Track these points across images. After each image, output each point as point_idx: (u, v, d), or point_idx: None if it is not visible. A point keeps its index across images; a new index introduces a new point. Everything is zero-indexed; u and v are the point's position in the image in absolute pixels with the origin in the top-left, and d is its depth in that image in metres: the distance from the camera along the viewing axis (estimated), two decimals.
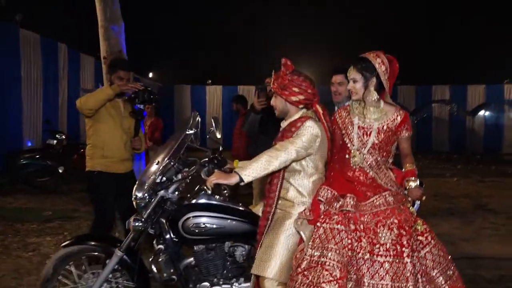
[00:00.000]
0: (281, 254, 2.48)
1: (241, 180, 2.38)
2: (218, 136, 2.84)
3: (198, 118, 2.80)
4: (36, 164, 8.08)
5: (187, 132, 2.76)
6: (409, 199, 2.59)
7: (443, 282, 2.35)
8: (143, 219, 2.60)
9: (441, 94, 18.03)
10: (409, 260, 2.30)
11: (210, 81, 18.95)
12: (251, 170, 2.39)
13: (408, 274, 2.28)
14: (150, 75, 19.38)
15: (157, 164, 2.72)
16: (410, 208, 2.55)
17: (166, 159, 2.70)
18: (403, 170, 2.68)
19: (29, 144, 9.25)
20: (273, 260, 2.46)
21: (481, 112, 17.43)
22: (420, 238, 2.41)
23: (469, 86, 18.27)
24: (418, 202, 2.64)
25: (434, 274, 2.35)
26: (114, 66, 3.75)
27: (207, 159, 2.82)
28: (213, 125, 2.84)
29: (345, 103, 3.13)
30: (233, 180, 2.39)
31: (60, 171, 8.04)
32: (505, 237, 5.65)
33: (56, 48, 10.33)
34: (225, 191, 2.43)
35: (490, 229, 6.04)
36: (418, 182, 2.60)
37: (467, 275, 4.12)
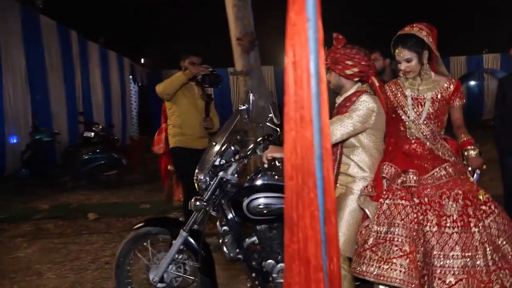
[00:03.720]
0: (345, 229, 2.37)
1: None
2: (276, 122, 2.71)
3: (252, 97, 2.68)
4: (101, 157, 7.34)
5: (239, 107, 2.66)
6: (469, 169, 2.48)
7: (509, 250, 2.24)
8: (204, 200, 2.51)
9: None
10: (476, 230, 2.21)
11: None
12: None
13: (477, 244, 2.19)
14: (142, 60, 18.63)
15: (215, 146, 2.62)
16: (470, 178, 2.44)
17: (223, 140, 2.61)
18: (458, 140, 2.57)
19: (14, 141, 7.71)
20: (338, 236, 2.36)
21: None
22: (483, 207, 2.29)
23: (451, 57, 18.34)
24: (478, 172, 2.50)
25: (499, 242, 2.25)
26: (185, 52, 3.83)
27: (262, 137, 2.69)
28: (271, 111, 2.70)
29: None
30: None
31: (124, 163, 7.46)
32: None
33: (69, 36, 9.65)
34: (279, 165, 2.30)
35: None
36: (477, 151, 2.50)
37: None
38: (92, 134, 8.04)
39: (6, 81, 7.48)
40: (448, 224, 2.24)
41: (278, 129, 2.82)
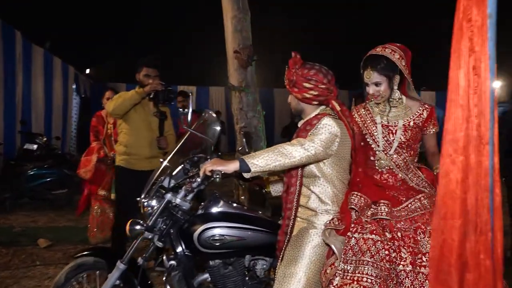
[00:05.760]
0: (306, 268, 2.02)
1: (247, 169, 1.87)
2: (250, 152, 2.35)
3: (190, 96, 2.35)
4: (49, 174, 6.37)
5: (179, 110, 2.32)
6: None
7: None
8: (145, 224, 2.12)
9: None
10: None
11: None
12: (260, 159, 1.88)
13: None
14: (87, 71, 17.72)
15: (163, 164, 2.26)
16: None
17: (171, 156, 2.27)
18: (433, 169, 2.35)
19: None
20: (298, 276, 2.01)
21: None
22: None
23: None
24: None
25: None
26: (140, 64, 3.49)
27: (209, 151, 2.33)
28: (243, 141, 2.35)
29: None
30: (231, 166, 1.89)
31: (76, 181, 6.41)
32: None
33: (14, 37, 8.60)
34: (217, 176, 1.89)
35: None
36: None
37: None
38: (35, 146, 7.09)
39: None
40: (424, 263, 1.96)
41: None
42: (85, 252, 2.39)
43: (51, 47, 11.24)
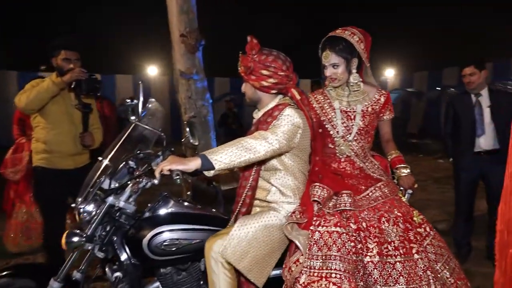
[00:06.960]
0: (255, 245, 1.87)
1: (210, 166, 1.69)
2: (195, 143, 2.08)
3: (142, 88, 2.05)
4: None
5: (126, 101, 2.01)
6: (400, 188, 2.24)
7: (448, 276, 1.99)
8: (84, 234, 1.79)
9: None
10: (418, 257, 1.93)
11: (44, 67, 15.57)
12: (224, 155, 1.70)
13: (421, 273, 1.90)
14: None
15: (102, 162, 1.93)
16: (403, 198, 2.18)
17: (112, 154, 1.93)
18: (387, 156, 2.34)
19: None
20: (242, 244, 1.85)
21: None
22: (418, 230, 2.03)
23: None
24: (410, 191, 2.27)
25: (438, 267, 1.98)
26: (57, 46, 2.91)
27: (161, 148, 2.05)
28: (187, 131, 2.08)
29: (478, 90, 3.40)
30: (192, 164, 1.68)
31: None
32: None
33: None
34: (177, 177, 1.66)
35: None
36: (409, 169, 2.28)
37: None
38: None
39: None
40: (390, 252, 1.91)
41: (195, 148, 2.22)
42: (5, 273, 1.93)
43: None
